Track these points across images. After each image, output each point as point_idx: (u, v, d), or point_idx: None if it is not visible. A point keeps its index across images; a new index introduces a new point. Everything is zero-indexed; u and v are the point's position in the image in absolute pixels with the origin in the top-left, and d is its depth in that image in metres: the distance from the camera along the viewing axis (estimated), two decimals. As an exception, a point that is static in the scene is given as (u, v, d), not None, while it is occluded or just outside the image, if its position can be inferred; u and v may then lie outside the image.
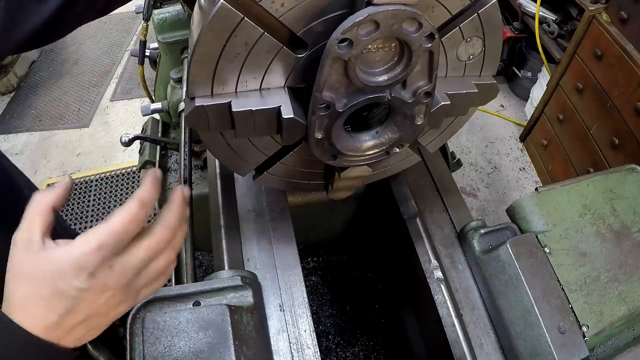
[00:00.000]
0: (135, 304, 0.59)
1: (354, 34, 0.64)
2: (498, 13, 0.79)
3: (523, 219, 0.94)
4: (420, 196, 1.12)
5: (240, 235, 1.00)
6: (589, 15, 2.08)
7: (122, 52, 3.71)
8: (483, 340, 0.89)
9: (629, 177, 1.01)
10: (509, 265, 0.86)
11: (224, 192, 1.07)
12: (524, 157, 2.85)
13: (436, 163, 1.20)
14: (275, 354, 0.82)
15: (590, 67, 2.16)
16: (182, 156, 1.26)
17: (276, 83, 0.75)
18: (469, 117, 0.97)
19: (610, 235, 0.92)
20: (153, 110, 1.69)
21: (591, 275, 0.87)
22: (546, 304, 0.82)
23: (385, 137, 0.84)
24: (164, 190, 1.61)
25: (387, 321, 1.53)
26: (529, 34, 2.79)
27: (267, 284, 0.90)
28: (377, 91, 0.74)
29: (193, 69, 0.68)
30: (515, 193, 2.67)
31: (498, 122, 3.06)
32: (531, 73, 2.95)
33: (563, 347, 0.79)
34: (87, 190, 2.71)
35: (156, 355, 0.70)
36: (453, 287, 0.95)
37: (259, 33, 0.66)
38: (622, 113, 1.98)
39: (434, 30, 0.68)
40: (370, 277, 1.60)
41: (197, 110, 0.71)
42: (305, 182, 0.99)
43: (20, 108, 3.29)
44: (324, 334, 1.54)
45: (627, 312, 0.86)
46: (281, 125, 0.75)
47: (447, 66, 0.84)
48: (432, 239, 1.03)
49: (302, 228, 1.07)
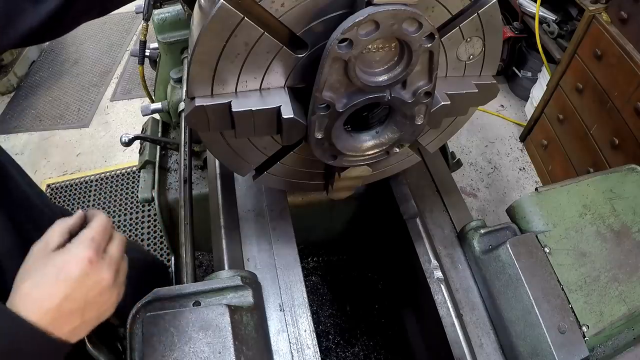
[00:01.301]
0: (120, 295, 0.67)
1: (354, 34, 0.64)
2: (498, 13, 0.79)
3: (523, 219, 0.94)
4: (420, 196, 1.12)
5: (240, 235, 1.00)
6: (589, 15, 2.08)
7: (122, 52, 3.71)
8: (483, 340, 0.89)
9: (629, 177, 1.01)
10: (509, 265, 0.86)
11: (224, 192, 1.07)
12: (524, 157, 2.85)
13: (436, 163, 1.20)
14: (275, 354, 0.82)
15: (590, 67, 2.16)
16: (182, 156, 1.26)
17: (276, 83, 0.75)
18: (469, 117, 0.97)
19: (610, 235, 0.92)
20: (153, 110, 1.69)
21: (591, 275, 0.87)
22: (546, 304, 0.82)
23: (385, 137, 0.84)
24: (165, 191, 1.61)
25: (387, 321, 1.53)
26: (529, 34, 2.79)
27: (267, 284, 0.90)
28: (377, 91, 0.74)
29: (193, 69, 0.68)
30: (515, 193, 2.67)
31: (498, 122, 3.06)
32: (531, 73, 2.95)
33: (563, 347, 0.79)
34: (87, 190, 2.71)
35: (156, 355, 0.70)
36: (453, 287, 0.95)
37: (259, 33, 0.66)
38: (622, 113, 1.98)
39: (434, 30, 0.68)
40: (370, 277, 1.60)
41: (197, 110, 0.71)
42: (305, 182, 0.99)
43: (20, 108, 3.29)
44: (324, 334, 1.54)
45: (627, 312, 0.86)
46: (281, 125, 0.75)
47: (447, 66, 0.84)
48: (432, 239, 1.03)
49: (302, 228, 1.07)
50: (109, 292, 0.63)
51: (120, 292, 0.67)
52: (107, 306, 0.64)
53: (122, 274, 0.68)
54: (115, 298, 0.65)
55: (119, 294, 0.66)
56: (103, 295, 0.62)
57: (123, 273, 0.68)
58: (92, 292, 0.60)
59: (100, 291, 0.61)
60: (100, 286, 0.61)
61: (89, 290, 0.60)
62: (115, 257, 0.66)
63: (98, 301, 0.62)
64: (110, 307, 0.65)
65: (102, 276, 0.61)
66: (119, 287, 0.66)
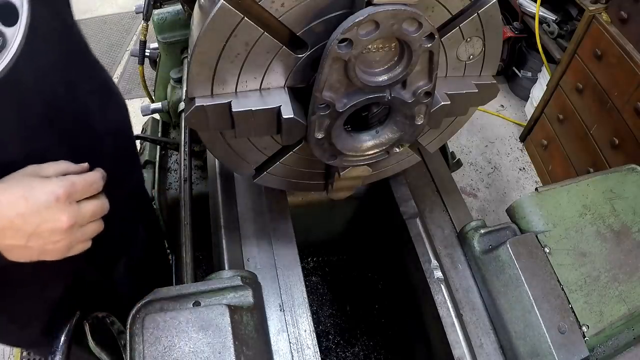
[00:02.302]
0: (64, 254, 0.69)
1: (354, 34, 0.64)
2: (498, 13, 0.79)
3: (523, 219, 0.94)
4: (420, 196, 1.12)
5: (240, 235, 1.00)
6: (589, 15, 2.08)
7: (122, 52, 3.71)
8: (483, 340, 0.89)
9: (629, 177, 1.01)
10: (509, 265, 0.86)
11: (224, 192, 1.07)
12: (524, 157, 2.86)
13: (436, 163, 1.20)
14: (275, 354, 0.82)
15: (590, 67, 2.16)
16: (182, 156, 1.27)
17: (276, 83, 0.75)
18: (469, 117, 0.97)
19: (610, 235, 0.92)
20: (153, 110, 1.69)
21: (591, 275, 0.87)
22: (546, 304, 0.82)
23: (385, 137, 0.84)
24: (165, 191, 1.61)
25: (387, 321, 1.53)
26: (529, 34, 2.79)
27: (267, 284, 0.90)
28: (377, 91, 0.74)
29: (193, 69, 0.68)
30: (515, 193, 2.67)
31: (498, 122, 3.06)
32: (531, 73, 2.95)
33: (563, 347, 0.79)
34: (87, 190, 2.70)
35: (156, 355, 0.70)
36: (453, 287, 0.95)
37: (259, 33, 0.67)
38: (622, 113, 1.98)
39: (434, 30, 0.68)
40: (370, 277, 1.60)
41: (197, 110, 0.71)
42: (305, 182, 0.99)
43: (20, 108, 3.29)
44: (324, 334, 1.54)
45: (627, 312, 0.86)
46: (281, 125, 0.75)
47: (447, 66, 0.84)
48: (432, 239, 1.03)
49: (302, 228, 1.07)
50: (59, 235, 0.65)
51: (71, 247, 0.69)
52: (52, 247, 0.66)
53: (82, 234, 0.70)
54: (63, 247, 0.67)
55: (69, 247, 0.68)
56: (53, 235, 0.65)
57: (83, 233, 0.70)
58: (45, 225, 0.63)
59: (52, 229, 0.64)
60: (54, 225, 0.64)
61: (43, 222, 0.63)
62: (84, 210, 0.68)
63: (46, 237, 0.64)
64: (55, 252, 0.67)
65: (61, 217, 0.64)
66: (72, 239, 0.68)
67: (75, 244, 0.70)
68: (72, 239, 0.68)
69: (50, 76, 0.71)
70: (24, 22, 0.61)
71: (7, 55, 0.59)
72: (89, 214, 0.69)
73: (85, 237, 0.71)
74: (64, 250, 0.69)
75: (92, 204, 0.70)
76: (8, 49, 0.60)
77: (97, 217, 0.72)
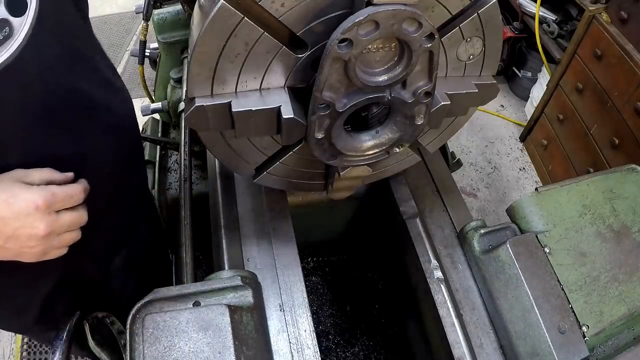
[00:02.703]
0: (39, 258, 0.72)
1: (354, 34, 0.64)
2: (498, 13, 0.79)
3: (523, 219, 0.94)
4: (420, 196, 1.12)
5: (240, 235, 1.00)
6: (589, 15, 2.08)
7: (122, 52, 3.71)
8: (483, 340, 0.89)
9: (629, 177, 1.01)
10: (509, 265, 0.86)
11: (224, 192, 1.07)
12: (524, 157, 2.86)
13: (436, 163, 1.20)
14: (275, 354, 0.82)
15: (590, 67, 2.16)
16: (182, 156, 1.27)
17: (276, 83, 0.75)
18: (469, 117, 0.97)
19: (610, 235, 0.92)
20: (153, 110, 1.69)
21: (591, 275, 0.87)
22: (546, 304, 0.82)
23: (385, 137, 0.84)
24: (165, 191, 1.61)
25: (387, 321, 1.53)
26: (529, 34, 2.80)
27: (267, 284, 0.90)
28: (377, 91, 0.74)
29: (193, 69, 0.68)
30: (515, 193, 2.67)
31: (498, 122, 3.06)
32: (531, 73, 2.95)
33: (563, 347, 0.79)
34: (87, 190, 2.70)
35: (156, 355, 0.70)
36: (453, 287, 0.95)
37: (259, 33, 0.67)
38: (622, 113, 1.98)
39: (434, 30, 0.68)
40: (370, 277, 1.60)
41: (197, 110, 0.71)
42: (305, 182, 0.99)
43: (20, 108, 3.29)
44: (324, 334, 1.54)
45: (627, 312, 0.86)
46: (281, 125, 0.75)
47: (447, 66, 0.84)
48: (432, 239, 1.03)
49: (302, 228, 1.07)
50: (35, 241, 0.68)
51: (47, 253, 0.71)
52: (28, 251, 0.69)
53: (58, 241, 0.72)
54: (39, 252, 0.70)
55: (45, 252, 0.71)
56: (30, 240, 0.67)
57: (59, 241, 0.72)
58: (22, 230, 0.66)
59: (29, 235, 0.67)
60: (32, 231, 0.67)
61: (20, 227, 0.66)
62: (61, 221, 0.70)
63: (23, 242, 0.67)
64: (31, 256, 0.71)
65: (39, 225, 0.67)
66: (47, 246, 0.70)
67: (51, 250, 0.72)
68: (48, 245, 0.71)
69: (54, 68, 0.72)
70: (32, 14, 0.62)
71: (13, 44, 0.61)
72: (66, 224, 0.72)
73: (61, 245, 0.74)
74: (40, 255, 0.72)
75: (71, 215, 0.72)
76: (15, 38, 0.61)
77: (74, 228, 0.75)
